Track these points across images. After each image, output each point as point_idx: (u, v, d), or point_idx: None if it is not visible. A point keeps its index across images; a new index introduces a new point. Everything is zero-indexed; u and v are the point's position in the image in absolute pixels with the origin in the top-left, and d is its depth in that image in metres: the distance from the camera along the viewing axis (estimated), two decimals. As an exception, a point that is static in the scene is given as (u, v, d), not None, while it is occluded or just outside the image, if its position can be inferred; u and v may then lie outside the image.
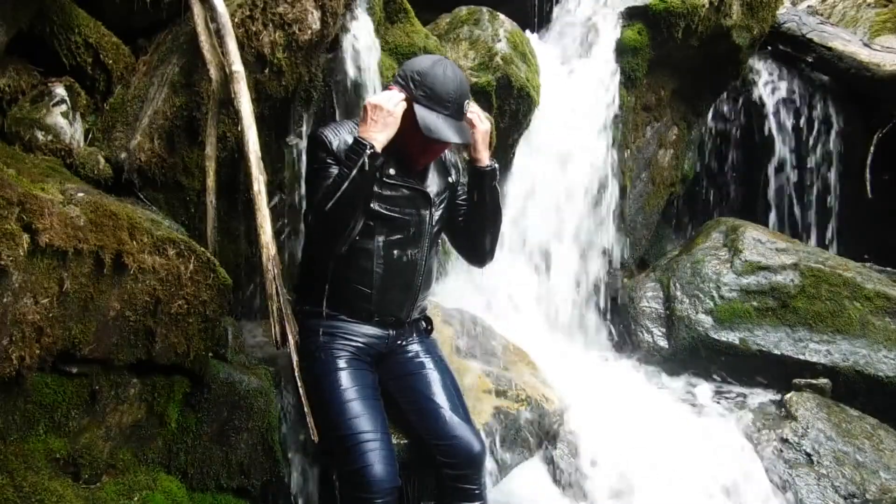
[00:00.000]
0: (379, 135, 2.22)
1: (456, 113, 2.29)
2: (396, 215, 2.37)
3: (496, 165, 2.49)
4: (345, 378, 2.29)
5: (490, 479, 2.51)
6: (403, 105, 2.26)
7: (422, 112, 2.24)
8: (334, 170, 2.25)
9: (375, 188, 2.31)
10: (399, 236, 2.39)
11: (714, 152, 5.33)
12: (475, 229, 2.56)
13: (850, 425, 3.23)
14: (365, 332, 2.40)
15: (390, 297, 2.40)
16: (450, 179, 2.54)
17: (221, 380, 2.26)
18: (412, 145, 2.33)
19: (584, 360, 3.74)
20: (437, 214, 2.47)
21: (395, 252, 2.39)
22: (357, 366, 2.35)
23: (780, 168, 5.24)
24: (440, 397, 2.37)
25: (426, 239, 2.44)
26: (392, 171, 2.35)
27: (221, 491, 2.28)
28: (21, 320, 1.78)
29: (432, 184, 2.47)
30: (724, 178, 5.39)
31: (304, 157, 2.71)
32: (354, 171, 2.18)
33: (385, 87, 2.47)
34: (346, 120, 2.56)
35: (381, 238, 2.36)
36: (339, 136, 2.32)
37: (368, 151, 2.19)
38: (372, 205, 2.32)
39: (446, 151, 2.54)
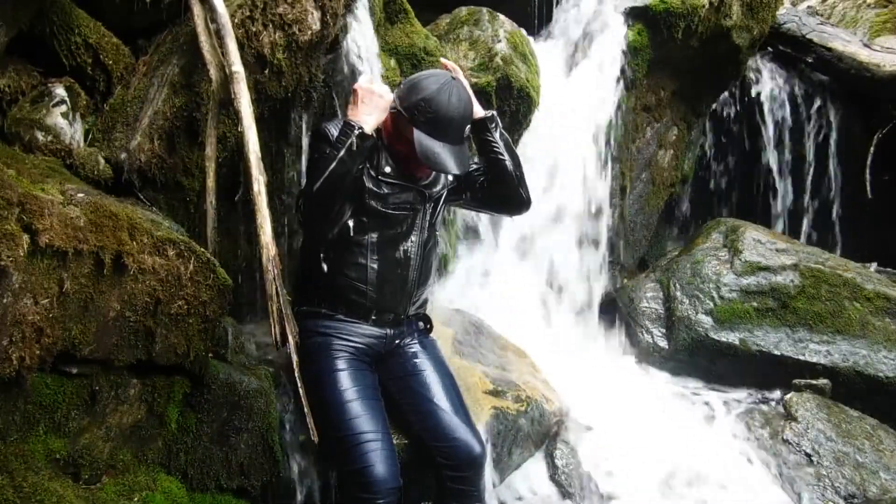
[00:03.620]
0: (368, 117, 2.25)
1: (456, 139, 2.30)
2: (390, 212, 2.37)
3: (493, 112, 2.48)
4: (345, 378, 2.30)
5: (490, 480, 2.51)
6: (387, 91, 2.30)
7: (421, 139, 2.23)
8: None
9: (370, 185, 2.33)
10: (393, 232, 2.39)
11: (714, 153, 5.32)
12: (502, 185, 2.53)
13: (850, 426, 3.23)
14: (363, 332, 2.40)
15: (386, 292, 2.41)
16: (449, 177, 2.54)
17: (221, 380, 2.26)
18: (410, 160, 2.33)
19: (584, 361, 3.74)
20: (432, 210, 2.48)
21: (390, 248, 2.39)
22: (357, 366, 2.35)
23: (780, 168, 5.24)
24: (440, 398, 2.37)
25: (421, 235, 2.44)
26: (388, 169, 2.36)
27: (221, 491, 2.28)
28: (21, 321, 1.78)
29: (430, 180, 2.47)
30: (723, 178, 5.39)
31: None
32: (342, 152, 2.20)
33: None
34: None
35: (374, 234, 2.37)
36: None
37: (357, 132, 2.21)
38: (366, 201, 2.33)
39: None
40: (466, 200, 2.66)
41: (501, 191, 2.55)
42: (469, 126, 2.40)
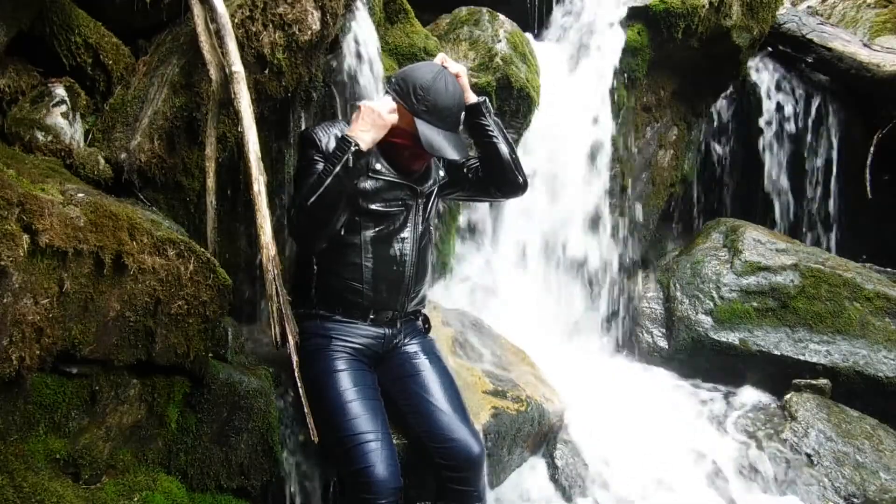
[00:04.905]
0: (365, 134, 2.24)
1: (454, 126, 2.32)
2: (382, 209, 2.37)
3: (484, 98, 2.50)
4: (344, 379, 2.30)
5: (490, 481, 2.51)
6: (395, 117, 2.28)
7: (424, 128, 2.25)
8: (321, 167, 2.27)
9: (362, 184, 2.32)
10: (385, 230, 2.40)
11: (714, 152, 5.32)
12: (498, 168, 2.51)
13: (850, 426, 3.24)
14: (361, 332, 2.41)
15: (382, 290, 2.41)
16: (440, 172, 2.55)
17: (221, 380, 2.26)
18: (407, 153, 2.34)
19: (584, 361, 3.75)
20: (425, 206, 2.48)
21: (383, 245, 2.40)
22: (356, 367, 2.35)
23: (780, 168, 5.24)
24: (439, 399, 2.37)
25: (415, 230, 2.45)
26: (378, 167, 2.36)
27: (221, 491, 2.28)
28: (21, 321, 1.78)
29: (420, 176, 2.47)
30: (723, 178, 5.39)
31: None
32: (338, 168, 2.20)
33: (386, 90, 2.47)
34: (339, 120, 2.57)
35: (367, 232, 2.37)
36: (330, 135, 2.34)
37: (353, 149, 2.21)
38: (358, 201, 2.33)
39: None
40: (462, 191, 2.66)
41: (498, 175, 2.54)
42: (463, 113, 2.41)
